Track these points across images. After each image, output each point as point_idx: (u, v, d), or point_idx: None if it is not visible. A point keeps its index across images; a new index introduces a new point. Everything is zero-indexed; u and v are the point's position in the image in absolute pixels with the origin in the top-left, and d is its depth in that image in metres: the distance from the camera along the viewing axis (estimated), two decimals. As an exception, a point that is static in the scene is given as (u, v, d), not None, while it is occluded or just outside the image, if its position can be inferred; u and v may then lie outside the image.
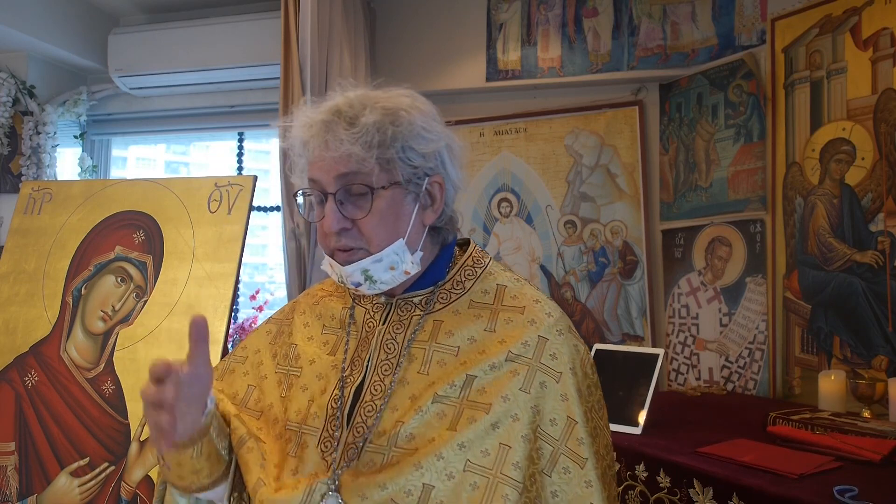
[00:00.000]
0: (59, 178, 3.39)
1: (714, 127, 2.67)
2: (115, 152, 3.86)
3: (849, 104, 2.19)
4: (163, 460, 0.95)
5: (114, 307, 2.34)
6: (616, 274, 2.89)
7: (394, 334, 1.00)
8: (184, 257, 2.33)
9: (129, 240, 2.42)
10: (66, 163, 3.58)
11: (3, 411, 2.30)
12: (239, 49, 3.16)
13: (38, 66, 3.38)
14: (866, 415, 1.83)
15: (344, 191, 0.93)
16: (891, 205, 2.05)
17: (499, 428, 0.89)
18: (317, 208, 0.98)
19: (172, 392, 0.82)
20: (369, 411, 0.94)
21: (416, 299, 1.01)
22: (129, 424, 2.18)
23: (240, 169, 3.57)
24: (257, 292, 3.29)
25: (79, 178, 3.45)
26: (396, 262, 0.95)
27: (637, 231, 2.86)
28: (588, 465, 0.90)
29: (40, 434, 2.25)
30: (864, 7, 2.16)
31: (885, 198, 2.07)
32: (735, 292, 2.54)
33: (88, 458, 2.18)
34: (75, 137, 3.53)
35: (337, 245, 0.96)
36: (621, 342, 2.83)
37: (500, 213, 3.08)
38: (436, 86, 3.11)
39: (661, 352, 1.91)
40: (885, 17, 2.10)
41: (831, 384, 1.96)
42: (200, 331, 0.85)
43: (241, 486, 0.98)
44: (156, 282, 2.33)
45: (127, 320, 2.31)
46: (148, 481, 2.11)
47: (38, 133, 3.29)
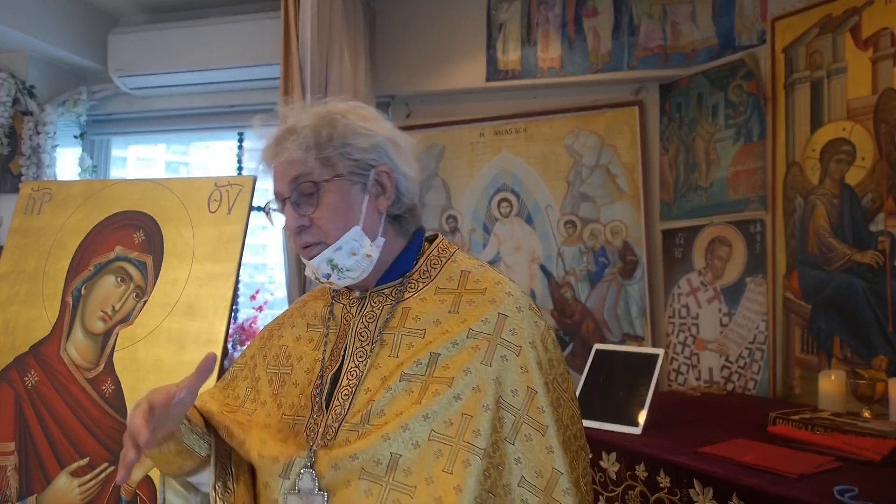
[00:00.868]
0: (59, 178, 3.38)
1: (714, 127, 2.66)
2: (115, 152, 3.86)
3: (849, 104, 2.19)
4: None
5: (114, 307, 2.34)
6: (616, 274, 2.89)
7: (367, 323, 1.07)
8: (184, 257, 2.33)
9: (129, 240, 2.42)
10: (66, 163, 3.58)
11: (3, 411, 2.30)
12: (239, 49, 3.16)
13: (38, 66, 3.37)
14: (866, 415, 1.83)
15: (297, 193, 1.03)
16: (891, 205, 2.05)
17: (461, 399, 0.95)
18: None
19: (152, 426, 0.91)
20: (345, 395, 1.02)
21: (387, 290, 1.09)
22: (128, 424, 2.18)
23: (239, 169, 3.57)
24: (257, 292, 3.29)
25: (79, 178, 3.45)
26: (356, 248, 1.03)
27: (637, 231, 2.86)
28: (549, 432, 0.95)
29: (40, 434, 2.24)
30: (864, 7, 2.16)
31: (885, 198, 2.07)
32: (735, 292, 2.53)
33: (88, 458, 2.18)
34: (75, 137, 3.52)
35: (300, 243, 1.05)
36: (621, 342, 2.83)
37: (500, 213, 3.08)
38: (436, 86, 3.10)
39: (661, 352, 1.90)
40: (885, 16, 2.10)
41: (831, 384, 1.96)
42: (209, 367, 0.95)
43: (225, 475, 1.08)
44: (156, 282, 2.33)
45: (127, 320, 2.31)
46: (148, 481, 2.10)
47: (38, 133, 3.29)
